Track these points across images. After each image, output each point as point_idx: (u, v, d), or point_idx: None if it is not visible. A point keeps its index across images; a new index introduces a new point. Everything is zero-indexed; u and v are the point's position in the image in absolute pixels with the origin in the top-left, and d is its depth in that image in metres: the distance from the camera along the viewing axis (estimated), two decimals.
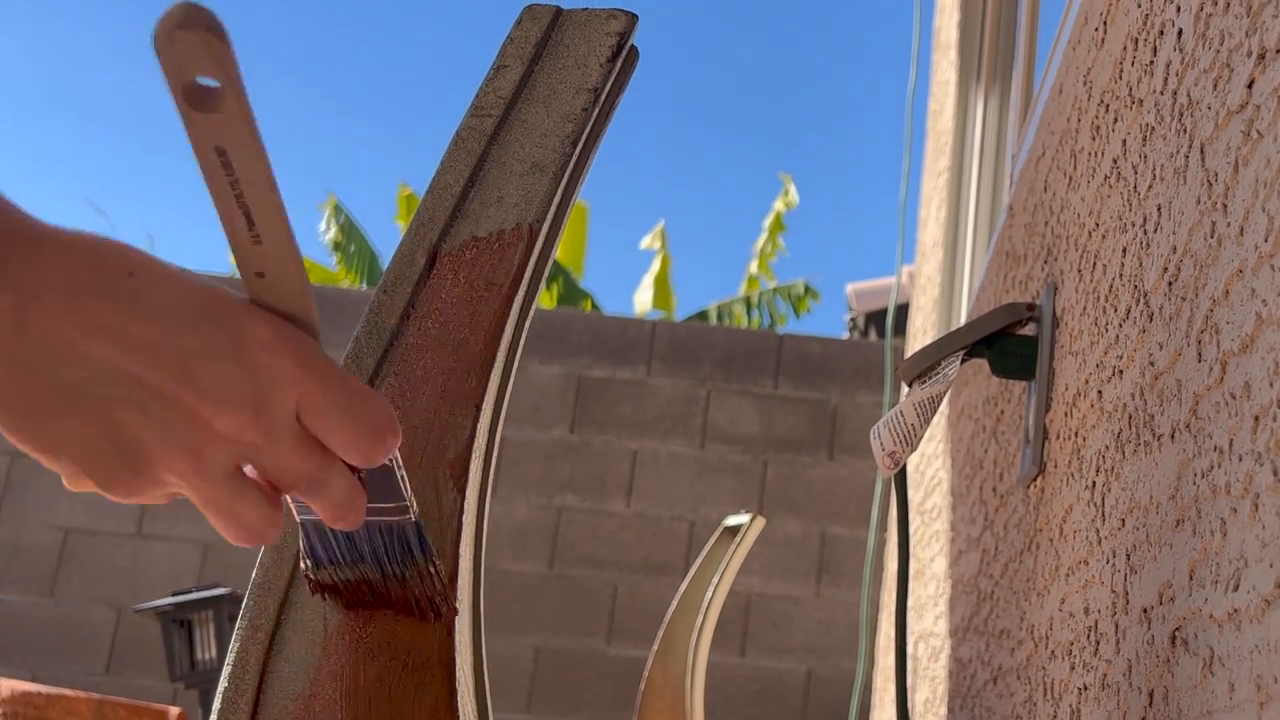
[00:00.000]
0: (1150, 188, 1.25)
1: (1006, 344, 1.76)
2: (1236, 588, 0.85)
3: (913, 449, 1.66)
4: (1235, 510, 0.87)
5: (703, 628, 2.75)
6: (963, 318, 3.84)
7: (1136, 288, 1.26)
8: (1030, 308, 1.77)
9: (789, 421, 5.34)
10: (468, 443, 1.00)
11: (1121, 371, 1.30)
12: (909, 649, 3.64)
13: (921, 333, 4.65)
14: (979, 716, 2.17)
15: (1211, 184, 1.02)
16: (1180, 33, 1.18)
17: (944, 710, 2.77)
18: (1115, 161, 1.44)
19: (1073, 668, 1.39)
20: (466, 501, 1.00)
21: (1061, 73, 1.99)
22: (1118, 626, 1.20)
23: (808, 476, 5.28)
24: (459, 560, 0.99)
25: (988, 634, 2.15)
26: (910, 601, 3.82)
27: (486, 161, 1.10)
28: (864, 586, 5.03)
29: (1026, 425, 1.84)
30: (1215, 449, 0.93)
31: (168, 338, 0.60)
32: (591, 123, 1.12)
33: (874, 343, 5.56)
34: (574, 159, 1.11)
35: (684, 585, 2.85)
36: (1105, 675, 1.23)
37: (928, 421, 1.65)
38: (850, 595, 5.16)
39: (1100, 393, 1.39)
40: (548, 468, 5.29)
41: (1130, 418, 1.23)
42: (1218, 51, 1.04)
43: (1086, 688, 1.31)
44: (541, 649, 5.13)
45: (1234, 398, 0.90)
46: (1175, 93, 1.18)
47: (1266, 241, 0.86)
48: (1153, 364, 1.16)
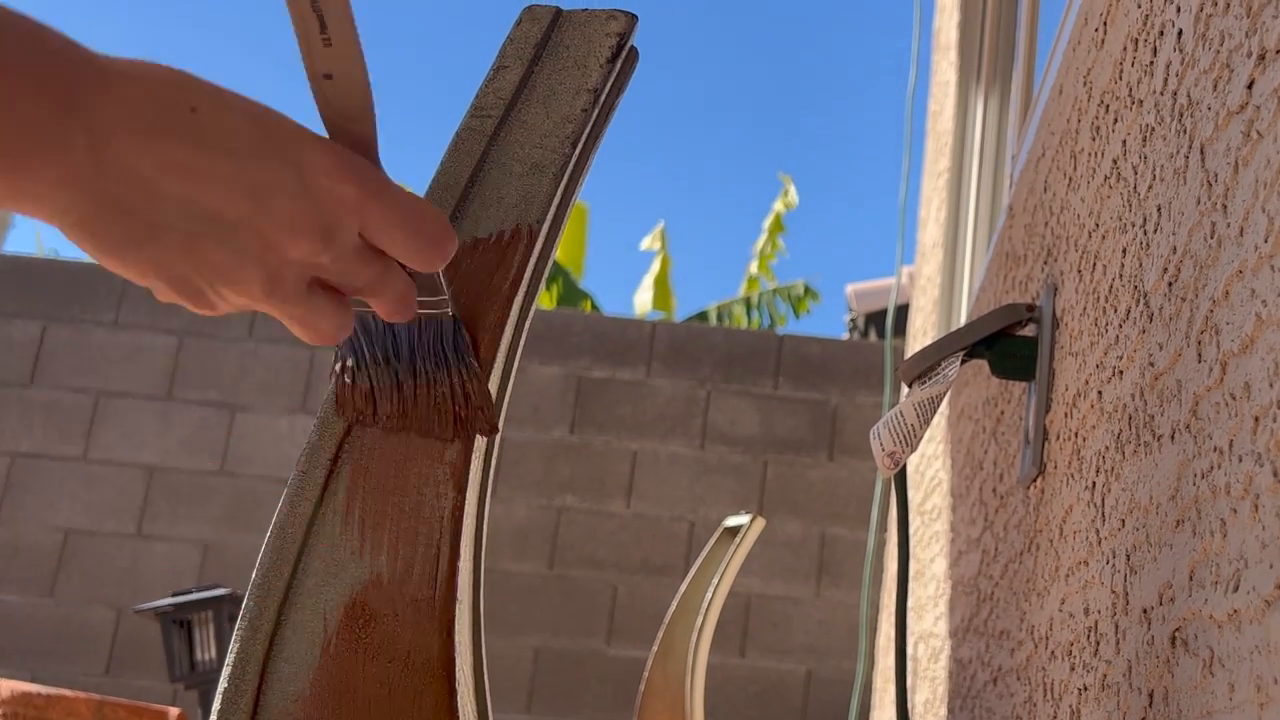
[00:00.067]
0: (1150, 188, 1.25)
1: (1006, 345, 1.76)
2: (1236, 588, 0.85)
3: (912, 450, 1.66)
4: (1235, 511, 0.87)
5: (702, 628, 2.75)
6: (963, 318, 3.84)
7: (1136, 288, 1.26)
8: (1030, 308, 1.77)
9: (789, 422, 5.34)
10: (467, 443, 1.00)
11: (1121, 372, 1.30)
12: (909, 650, 3.63)
13: (921, 333, 4.65)
14: (979, 717, 2.17)
15: (1211, 184, 1.02)
16: (1180, 33, 1.18)
17: (944, 711, 2.76)
18: (1115, 162, 1.44)
19: (1073, 668, 1.39)
20: (466, 502, 1.00)
21: (1061, 73, 1.99)
22: (1118, 627, 1.20)
23: (808, 477, 5.28)
24: (459, 560, 0.99)
25: (988, 635, 2.15)
26: (910, 602, 3.82)
27: (486, 162, 1.10)
28: (864, 587, 5.03)
29: (1026, 426, 1.84)
30: (1215, 450, 0.93)
31: (238, 172, 0.64)
32: (591, 123, 1.12)
33: (874, 343, 5.56)
34: (574, 160, 1.11)
35: (684, 586, 2.85)
36: (1105, 676, 1.23)
37: (927, 422, 1.65)
38: (850, 596, 5.16)
39: (1100, 393, 1.39)
40: (548, 468, 5.29)
41: (1130, 418, 1.23)
42: (1218, 52, 1.04)
43: (1086, 688, 1.31)
44: (541, 650, 5.13)
45: (1234, 398, 0.90)
46: (1175, 93, 1.18)
47: (1266, 242, 0.86)
48: (1153, 365, 1.16)
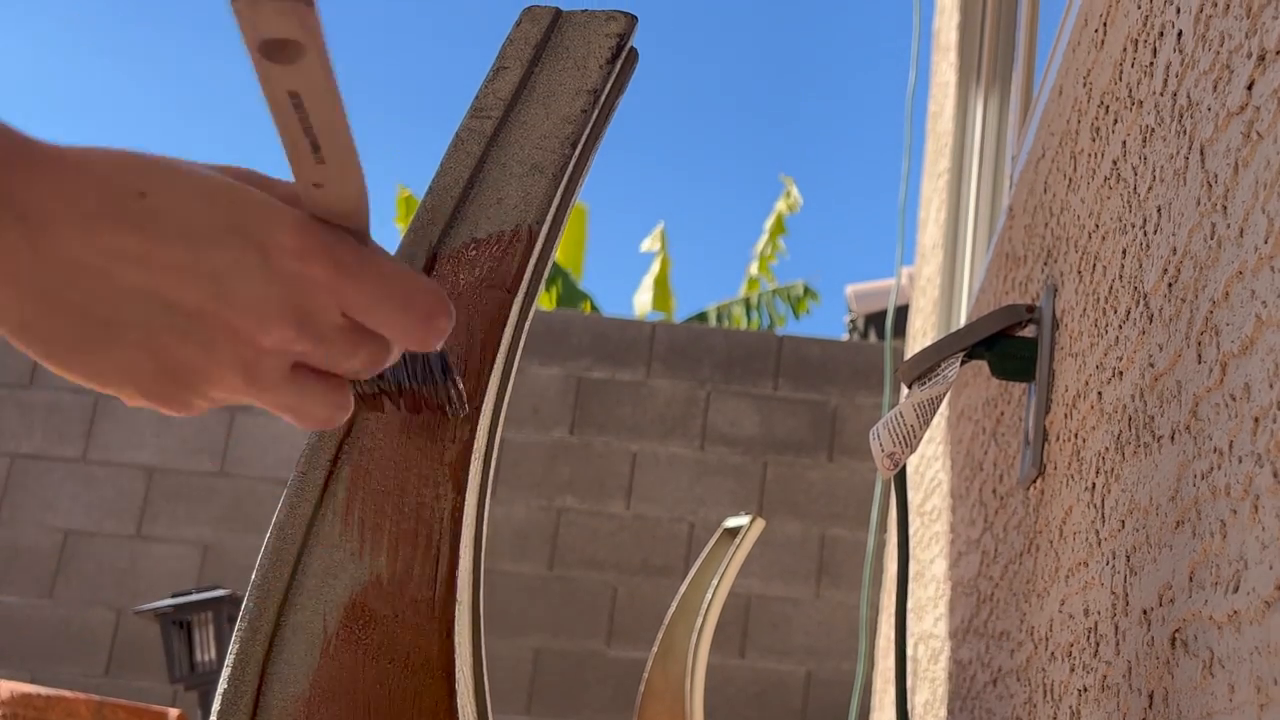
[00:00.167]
0: (1150, 189, 1.25)
1: (1006, 346, 1.76)
2: (1236, 589, 0.85)
3: (912, 450, 1.66)
4: (1235, 512, 0.87)
5: (702, 629, 2.75)
6: (962, 319, 3.84)
7: (1136, 289, 1.26)
8: (1030, 309, 1.77)
9: (789, 423, 5.34)
10: (467, 444, 1.00)
11: (1121, 373, 1.30)
12: (909, 651, 3.63)
13: (921, 334, 4.65)
14: (979, 718, 2.17)
15: (1211, 185, 1.02)
16: (1180, 34, 1.18)
17: (944, 712, 2.76)
18: (1115, 163, 1.44)
19: (1072, 669, 1.39)
20: (466, 503, 1.00)
21: (1061, 74, 1.99)
22: (1117, 628, 1.20)
23: (807, 478, 5.28)
24: (459, 561, 0.99)
25: (987, 636, 2.14)
26: (910, 603, 3.82)
27: (486, 163, 1.10)
28: (864, 588, 5.03)
29: (1026, 427, 1.84)
30: (1215, 450, 0.93)
31: (195, 258, 0.58)
32: (591, 124, 1.12)
33: (874, 344, 5.56)
34: (573, 160, 1.11)
35: (684, 587, 2.85)
36: (1105, 677, 1.23)
37: (927, 423, 1.65)
38: (850, 597, 5.16)
39: (1100, 394, 1.39)
40: (547, 469, 5.29)
41: (1130, 419, 1.23)
42: (1218, 53, 1.04)
43: (1086, 689, 1.31)
44: (541, 651, 5.13)
45: (1234, 399, 0.90)
46: (1175, 94, 1.18)
47: (1266, 243, 0.86)
48: (1152, 365, 1.16)
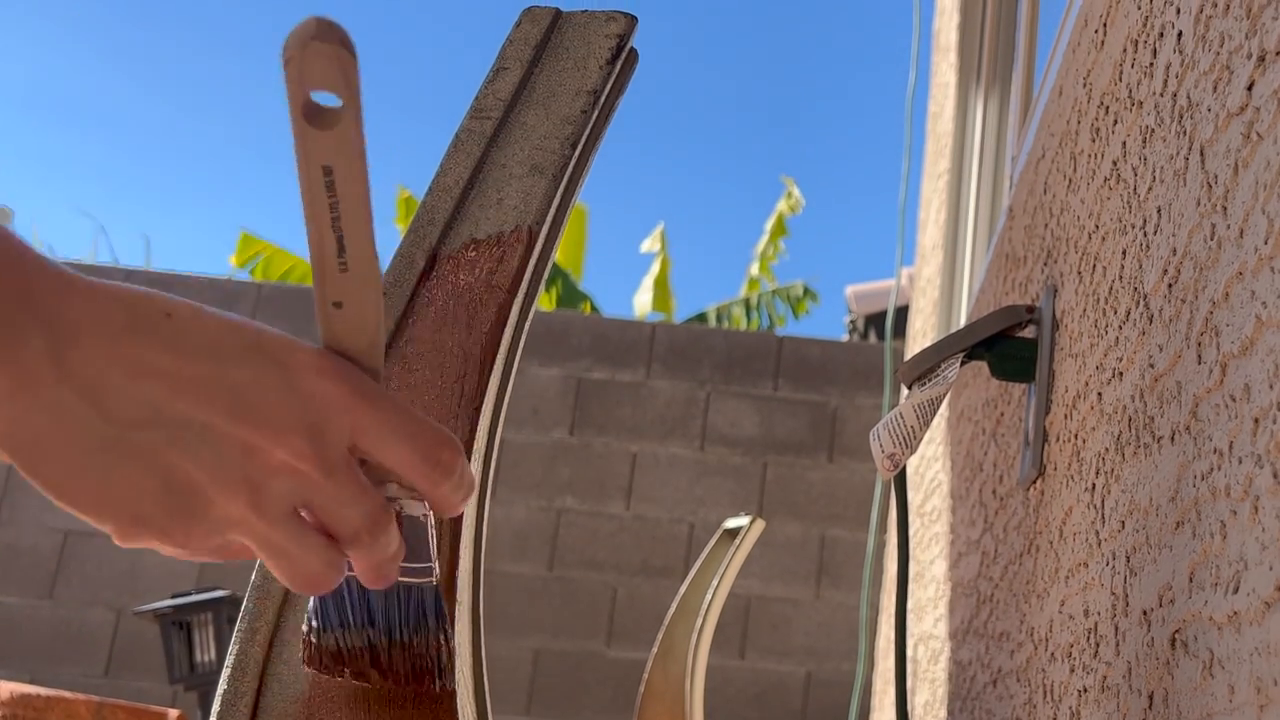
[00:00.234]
0: (1150, 190, 1.25)
1: (1006, 346, 1.76)
2: (1236, 590, 0.85)
3: (912, 451, 1.66)
4: (1235, 513, 0.87)
5: (702, 630, 2.75)
6: (962, 320, 3.84)
7: (1136, 290, 1.26)
8: (1030, 310, 1.77)
9: (789, 424, 5.34)
10: (467, 444, 1.00)
11: (1121, 374, 1.30)
12: (909, 651, 3.63)
13: (921, 335, 4.65)
14: (979, 719, 2.17)
15: (1211, 186, 1.02)
16: (1180, 35, 1.18)
17: (944, 713, 2.76)
18: (1115, 164, 1.44)
19: (1072, 670, 1.38)
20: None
21: (1061, 75, 1.99)
22: (1117, 629, 1.20)
23: (807, 479, 5.28)
24: (459, 562, 0.99)
25: (987, 636, 2.14)
26: (910, 604, 3.82)
27: (486, 164, 1.10)
28: (863, 589, 5.03)
29: (1026, 428, 1.84)
30: (1215, 451, 0.93)
31: (219, 374, 0.59)
32: (591, 125, 1.12)
33: (873, 345, 5.56)
34: (573, 161, 1.11)
35: (683, 587, 2.85)
36: (1105, 678, 1.23)
37: (927, 424, 1.65)
38: (850, 598, 5.15)
39: (1100, 395, 1.39)
40: (547, 470, 5.29)
41: (1130, 420, 1.23)
42: (1217, 54, 1.04)
43: (1086, 690, 1.31)
44: (541, 651, 5.13)
45: (1234, 400, 0.90)
46: (1175, 95, 1.18)
47: (1266, 244, 0.86)
48: (1152, 366, 1.16)
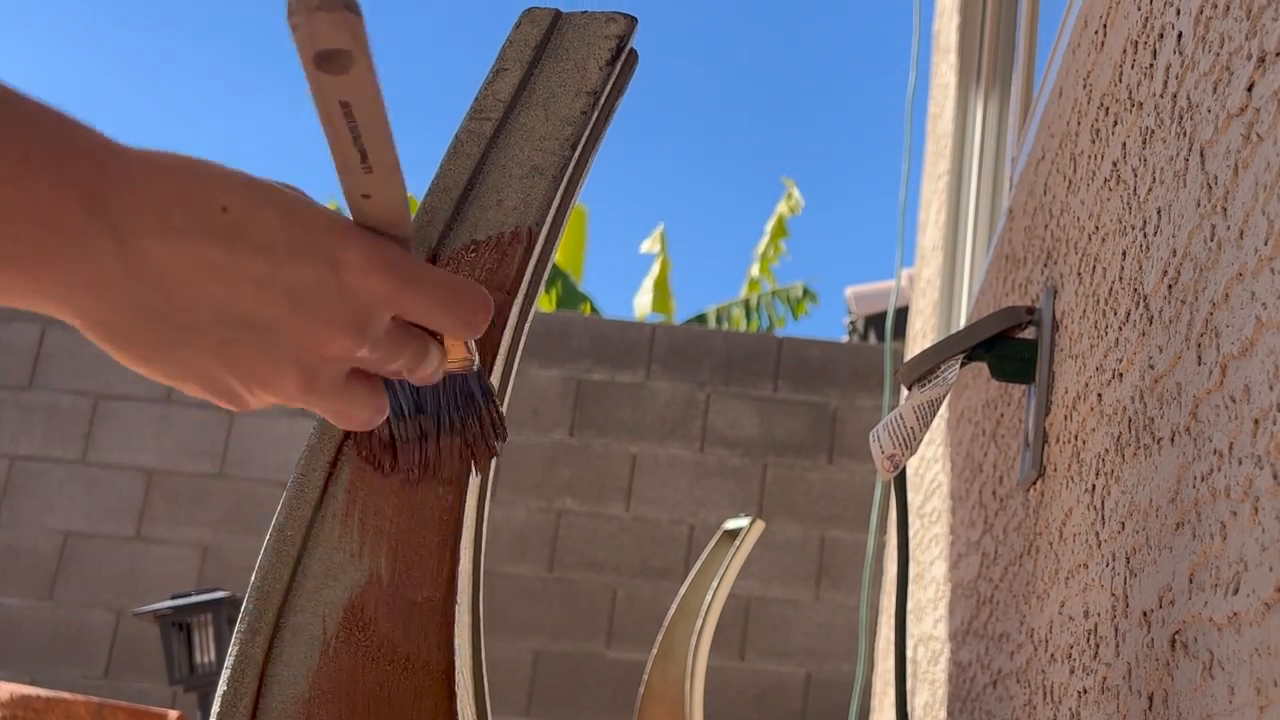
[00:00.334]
0: (1150, 191, 1.25)
1: (1006, 347, 1.76)
2: (1236, 591, 0.85)
3: (912, 452, 1.66)
4: (1235, 514, 0.87)
5: (702, 631, 2.75)
6: (962, 321, 3.84)
7: (1136, 291, 1.26)
8: (1030, 311, 1.77)
9: (788, 425, 5.34)
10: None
11: (1121, 375, 1.30)
12: (908, 652, 3.63)
13: (921, 336, 4.65)
14: None
15: (1211, 187, 1.02)
16: (1180, 36, 1.18)
17: (943, 714, 2.76)
18: (1115, 164, 1.44)
19: (1072, 671, 1.38)
20: (465, 504, 1.00)
21: (1061, 75, 1.99)
22: (1117, 630, 1.20)
23: (807, 480, 5.28)
24: (458, 563, 0.99)
25: (987, 637, 2.14)
26: (910, 605, 3.81)
27: (485, 165, 1.10)
28: (863, 590, 5.03)
29: (1026, 429, 1.84)
30: (1215, 452, 0.93)
31: (274, 273, 0.63)
32: (591, 126, 1.12)
33: (873, 346, 5.56)
34: (573, 162, 1.11)
35: (683, 589, 2.85)
36: (1105, 679, 1.23)
37: (927, 425, 1.65)
38: (850, 599, 5.15)
39: (1100, 396, 1.39)
40: (547, 471, 5.29)
41: (1130, 421, 1.23)
42: (1217, 54, 1.04)
43: (1086, 691, 1.31)
44: (541, 652, 5.13)
45: (1234, 401, 0.90)
46: (1175, 96, 1.18)
47: (1266, 245, 0.86)
48: (1152, 367, 1.16)
